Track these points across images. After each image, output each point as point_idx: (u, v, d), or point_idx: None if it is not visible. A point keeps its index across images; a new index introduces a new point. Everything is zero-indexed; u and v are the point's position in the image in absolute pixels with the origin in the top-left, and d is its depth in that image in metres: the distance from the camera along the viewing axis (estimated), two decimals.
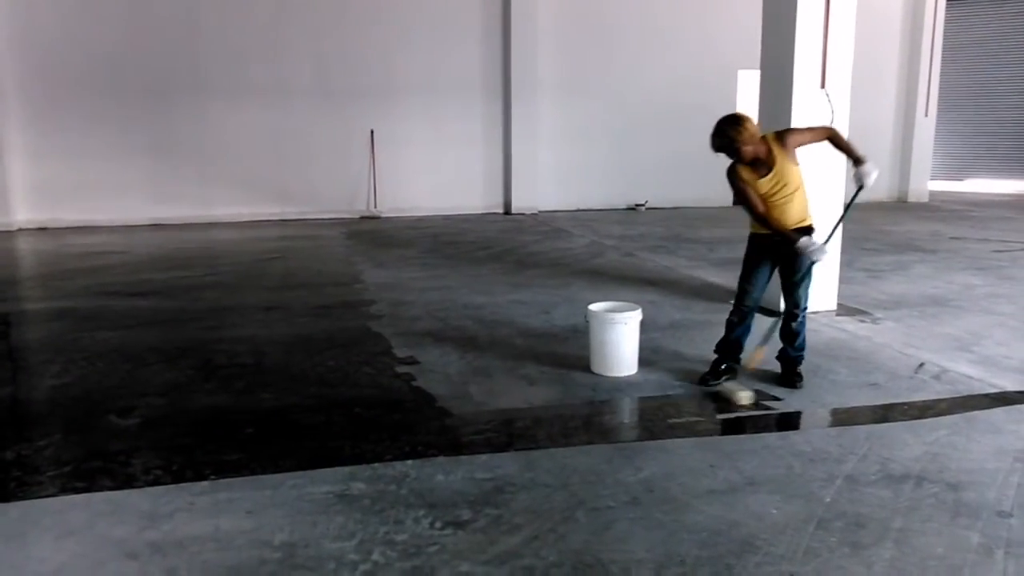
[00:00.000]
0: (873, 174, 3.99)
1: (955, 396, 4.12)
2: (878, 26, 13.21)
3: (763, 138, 4.04)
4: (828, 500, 2.95)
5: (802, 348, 4.35)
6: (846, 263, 5.93)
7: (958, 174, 16.89)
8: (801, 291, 4.24)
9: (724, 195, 15.41)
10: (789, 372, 4.33)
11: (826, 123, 4.05)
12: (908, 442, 3.49)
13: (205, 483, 3.12)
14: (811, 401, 4.08)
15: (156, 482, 3.13)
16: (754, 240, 4.28)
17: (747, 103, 12.39)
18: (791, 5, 5.53)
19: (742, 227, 4.46)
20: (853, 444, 3.47)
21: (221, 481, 3.13)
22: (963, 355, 4.80)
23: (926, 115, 13.93)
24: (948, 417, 3.80)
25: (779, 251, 4.20)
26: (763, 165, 4.04)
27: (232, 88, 11.27)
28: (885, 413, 3.91)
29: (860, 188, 4.06)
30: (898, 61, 13.97)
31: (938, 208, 13.01)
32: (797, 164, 4.10)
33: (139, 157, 11.06)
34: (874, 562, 2.54)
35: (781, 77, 5.65)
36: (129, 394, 4.18)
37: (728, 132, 3.93)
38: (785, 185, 4.06)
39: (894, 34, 13.85)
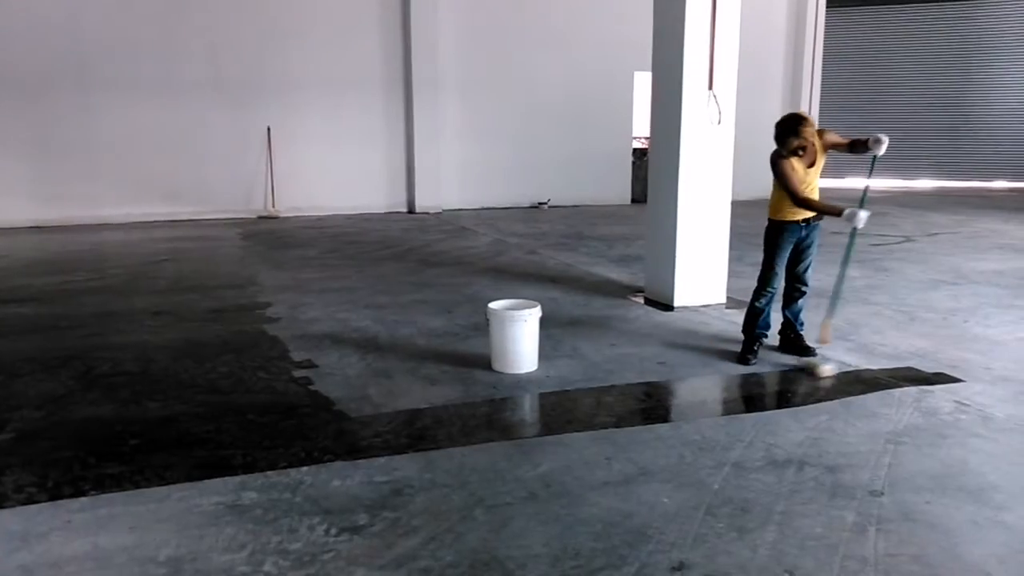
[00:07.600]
0: (884, 143, 4.51)
1: (835, 383, 4.34)
2: (763, 31, 13.80)
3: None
4: (716, 487, 3.06)
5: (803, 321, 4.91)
6: (736, 258, 6.15)
7: (840, 172, 17.83)
8: (810, 273, 4.84)
9: (622, 193, 15.54)
10: (801, 343, 4.83)
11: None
12: (791, 428, 3.66)
13: (84, 499, 2.97)
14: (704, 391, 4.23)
15: (30, 500, 2.96)
16: (783, 227, 4.67)
17: (641, 103, 12.71)
18: (680, 10, 5.71)
19: (640, 224, 4.56)
20: (740, 431, 3.61)
21: (102, 496, 2.99)
22: (842, 343, 5.07)
23: (809, 115, 14.65)
24: (827, 403, 4.01)
25: (800, 235, 4.69)
26: (809, 156, 4.55)
27: (120, 81, 10.72)
28: (771, 401, 4.09)
29: (874, 158, 4.63)
30: (783, 64, 14.65)
31: None
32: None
33: (19, 155, 10.43)
34: (759, 545, 2.65)
35: (671, 79, 5.82)
36: (1, 407, 3.92)
37: (804, 132, 4.41)
38: (816, 176, 4.63)
39: (779, 39, 14.50)
